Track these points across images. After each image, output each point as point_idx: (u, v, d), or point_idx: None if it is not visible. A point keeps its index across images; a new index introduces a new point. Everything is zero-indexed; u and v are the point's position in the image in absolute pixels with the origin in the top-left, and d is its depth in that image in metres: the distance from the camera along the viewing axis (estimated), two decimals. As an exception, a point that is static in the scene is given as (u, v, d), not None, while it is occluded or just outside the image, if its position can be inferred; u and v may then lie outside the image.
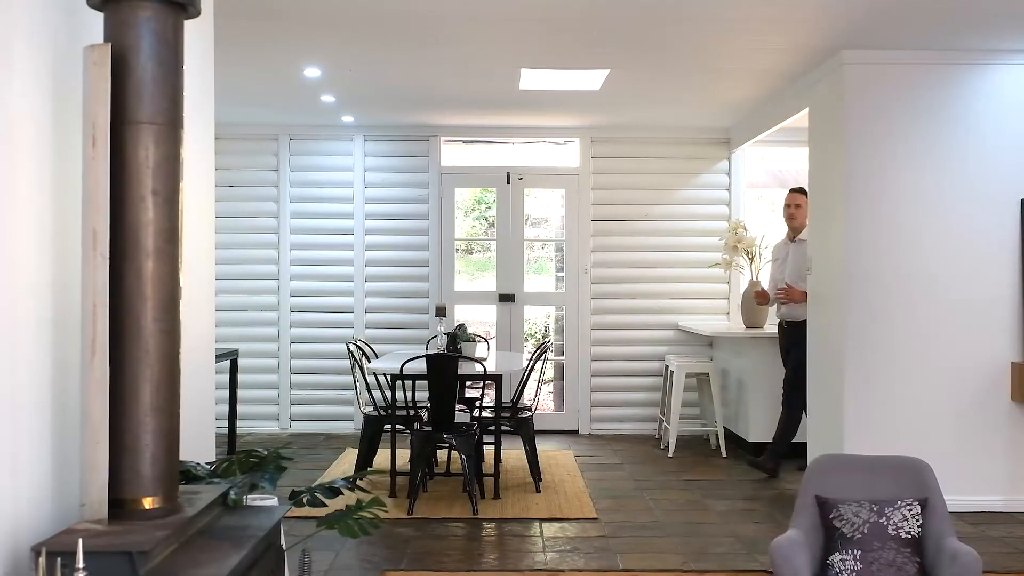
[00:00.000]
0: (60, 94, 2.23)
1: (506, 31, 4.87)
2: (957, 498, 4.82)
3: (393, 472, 5.46)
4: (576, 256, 7.68)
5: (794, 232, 6.22)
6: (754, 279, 6.96)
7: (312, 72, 5.76)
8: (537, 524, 4.91)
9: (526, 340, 7.96)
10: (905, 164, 5.21)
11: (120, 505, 2.14)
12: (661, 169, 7.66)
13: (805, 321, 5.89)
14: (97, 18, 2.29)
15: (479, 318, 8.19)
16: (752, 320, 6.87)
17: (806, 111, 5.83)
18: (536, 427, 6.29)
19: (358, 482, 2.79)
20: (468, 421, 5.31)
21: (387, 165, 7.68)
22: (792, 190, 6.32)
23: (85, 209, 2.12)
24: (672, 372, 6.92)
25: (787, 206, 6.28)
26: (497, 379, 5.39)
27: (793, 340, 6.00)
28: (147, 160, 2.19)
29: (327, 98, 6.53)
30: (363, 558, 4.30)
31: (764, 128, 6.69)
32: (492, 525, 4.87)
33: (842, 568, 2.96)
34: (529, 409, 5.85)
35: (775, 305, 6.36)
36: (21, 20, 2.06)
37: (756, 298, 6.53)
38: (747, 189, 7.76)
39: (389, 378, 5.48)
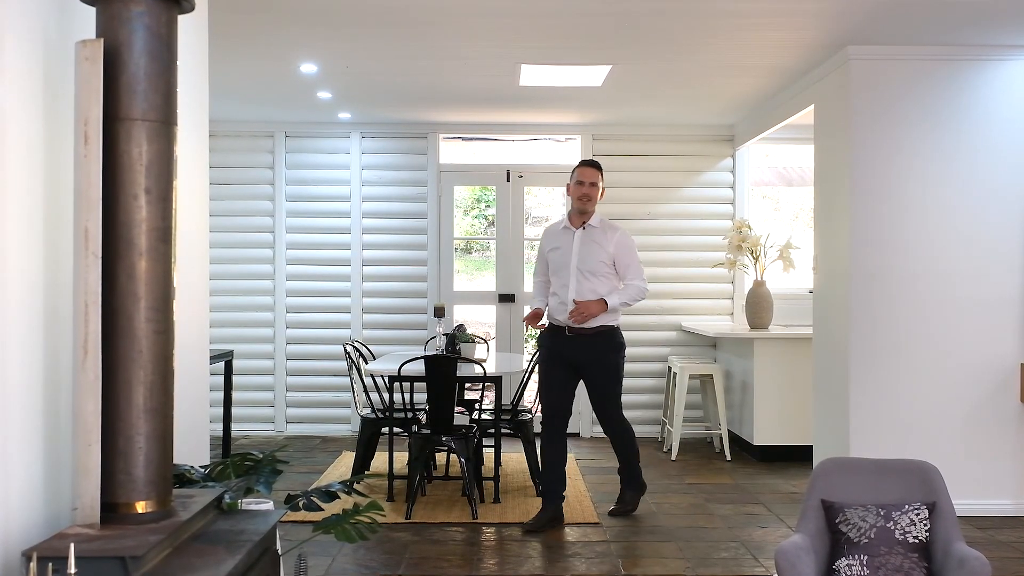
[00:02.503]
0: (52, 90, 2.23)
1: (506, 26, 4.88)
2: (965, 502, 4.82)
3: (391, 476, 5.46)
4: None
5: (583, 216, 5.04)
6: (759, 279, 6.96)
7: (308, 68, 5.76)
8: (537, 528, 4.91)
9: (526, 341, 7.96)
10: (912, 161, 5.21)
11: (113, 509, 2.14)
12: (664, 167, 7.67)
13: (607, 328, 4.92)
14: (89, 13, 2.29)
15: (478, 318, 8.21)
16: (757, 321, 6.88)
17: (811, 108, 5.83)
18: (536, 429, 6.29)
19: (355, 486, 2.80)
20: (467, 423, 5.31)
21: (385, 163, 7.68)
22: (586, 163, 5.12)
23: (77, 207, 2.12)
24: (675, 374, 6.92)
25: (580, 183, 5.00)
26: (497, 381, 5.39)
27: (591, 353, 4.93)
28: (140, 157, 2.19)
29: (324, 94, 6.53)
30: (360, 563, 4.30)
31: (769, 125, 6.69)
32: (492, 529, 4.87)
33: (849, 573, 2.96)
34: (529, 411, 5.85)
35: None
36: (12, 15, 2.06)
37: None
38: (752, 187, 7.77)
39: (387, 380, 5.48)
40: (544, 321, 5.12)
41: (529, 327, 5.12)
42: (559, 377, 4.99)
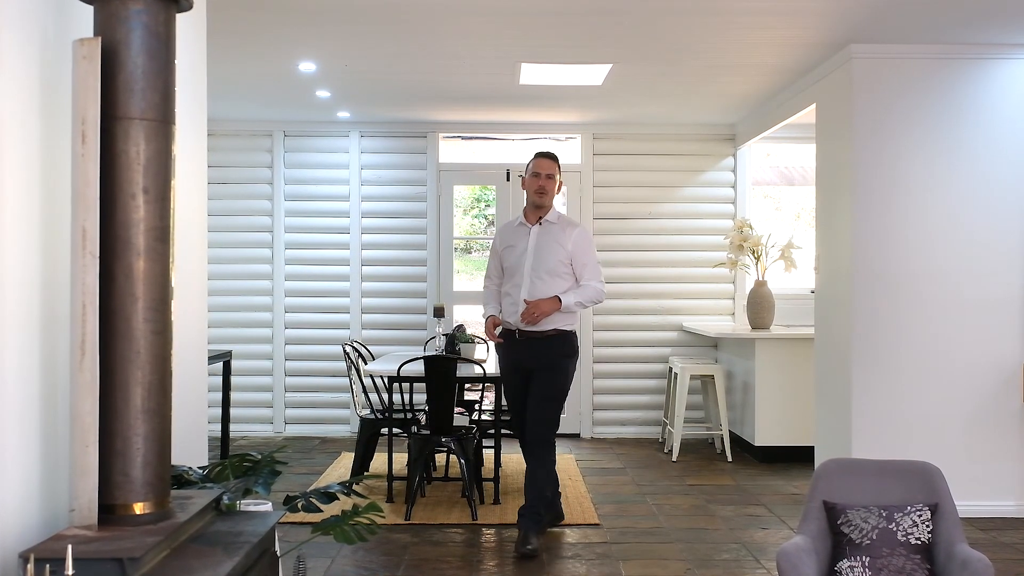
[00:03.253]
0: (49, 89, 2.23)
1: (506, 24, 4.87)
2: (968, 503, 4.83)
3: (390, 477, 5.46)
4: (578, 255, 7.65)
5: (540, 212, 4.73)
6: (760, 279, 6.96)
7: (307, 67, 5.76)
8: (538, 530, 4.90)
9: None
10: (915, 161, 5.21)
11: (110, 510, 2.14)
12: (665, 166, 7.67)
13: (561, 331, 4.59)
14: (87, 11, 2.29)
15: (478, 319, 8.19)
16: (758, 321, 6.88)
17: (813, 107, 5.83)
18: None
19: (354, 487, 2.80)
20: (467, 424, 5.31)
21: (384, 162, 7.68)
22: (541, 154, 4.77)
23: (74, 207, 2.11)
24: (676, 374, 6.92)
25: (535, 175, 4.67)
26: (497, 381, 5.39)
27: (543, 357, 4.58)
28: (138, 157, 2.19)
29: (322, 93, 6.53)
30: (359, 565, 4.30)
31: (771, 124, 6.69)
32: (492, 531, 4.87)
33: (851, 575, 2.95)
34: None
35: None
36: (8, 13, 2.06)
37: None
38: (753, 187, 7.77)
39: (386, 380, 5.48)
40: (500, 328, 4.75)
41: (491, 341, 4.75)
42: (519, 386, 4.66)
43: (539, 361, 4.58)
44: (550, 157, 4.76)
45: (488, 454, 5.83)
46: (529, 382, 4.63)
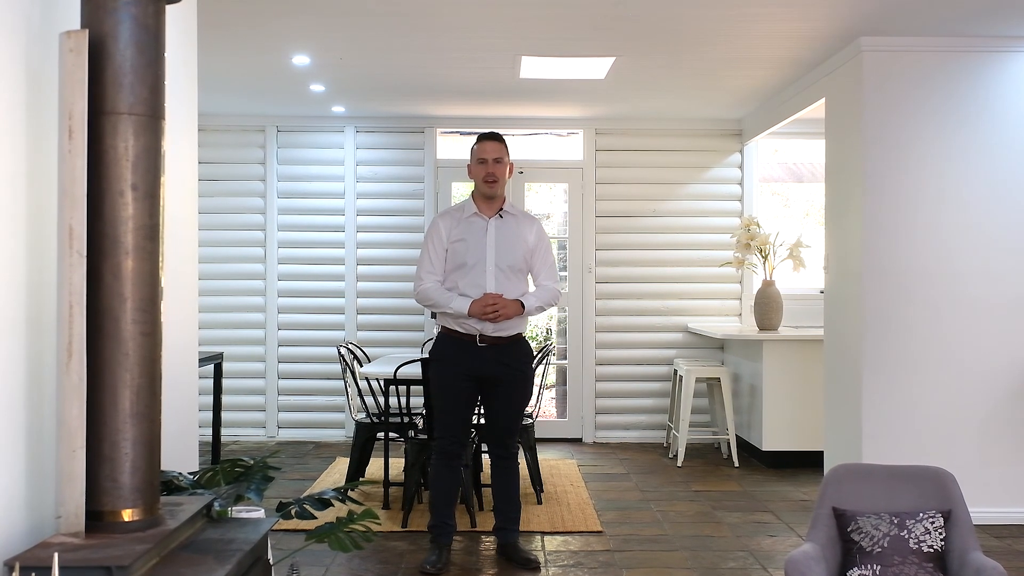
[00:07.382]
0: (35, 83, 2.23)
1: (506, 16, 4.88)
2: (982, 510, 4.83)
3: (386, 483, 5.46)
4: (580, 254, 7.68)
5: (495, 202, 4.47)
6: (768, 279, 6.96)
7: (301, 60, 5.76)
8: (539, 537, 4.91)
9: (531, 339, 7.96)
10: (926, 156, 5.21)
11: (98, 517, 2.14)
12: (669, 163, 7.67)
13: (521, 335, 4.42)
14: (74, 3, 2.29)
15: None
16: (766, 322, 6.88)
17: (822, 101, 5.84)
18: (537, 435, 6.29)
19: (349, 493, 2.80)
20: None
21: (380, 158, 7.68)
22: (486, 136, 4.48)
23: (61, 204, 2.11)
24: (681, 377, 6.92)
25: (482, 161, 4.41)
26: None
27: (510, 365, 4.35)
28: (127, 153, 2.19)
29: (317, 87, 6.53)
30: (355, 573, 4.30)
31: (778, 119, 6.69)
32: (490, 538, 4.87)
33: (860, 584, 2.96)
34: (530, 416, 5.85)
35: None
36: (-7, 5, 2.06)
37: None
38: (760, 184, 7.77)
39: (382, 383, 5.48)
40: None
41: (488, 317, 4.26)
42: (465, 396, 4.38)
43: (507, 370, 4.35)
44: (496, 139, 4.46)
45: (487, 459, 5.83)
46: (480, 392, 4.42)
